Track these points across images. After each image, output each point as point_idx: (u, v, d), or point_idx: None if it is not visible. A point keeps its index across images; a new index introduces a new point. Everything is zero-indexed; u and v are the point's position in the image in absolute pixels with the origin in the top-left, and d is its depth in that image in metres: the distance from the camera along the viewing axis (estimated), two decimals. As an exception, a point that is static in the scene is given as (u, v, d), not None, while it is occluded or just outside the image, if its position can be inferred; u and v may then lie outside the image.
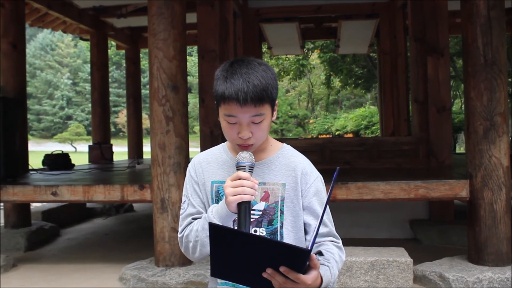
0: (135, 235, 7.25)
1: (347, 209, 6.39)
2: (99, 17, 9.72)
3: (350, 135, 25.03)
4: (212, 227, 1.40)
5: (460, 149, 19.64)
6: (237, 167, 1.58)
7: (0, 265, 5.23)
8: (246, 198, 1.51)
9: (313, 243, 1.43)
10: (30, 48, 54.01)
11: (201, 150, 5.79)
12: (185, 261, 4.83)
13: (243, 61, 1.62)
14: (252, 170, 1.58)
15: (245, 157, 1.58)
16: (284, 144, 1.81)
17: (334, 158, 6.69)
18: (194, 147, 10.55)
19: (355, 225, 6.48)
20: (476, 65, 4.54)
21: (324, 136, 28.20)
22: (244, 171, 1.56)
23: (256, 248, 1.38)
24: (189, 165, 1.82)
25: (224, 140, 1.76)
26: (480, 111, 4.53)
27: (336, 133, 27.98)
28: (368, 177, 5.13)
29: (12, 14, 6.79)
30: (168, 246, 4.80)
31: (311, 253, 1.40)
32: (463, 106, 25.51)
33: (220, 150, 1.80)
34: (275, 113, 1.68)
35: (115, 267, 5.24)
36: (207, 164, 1.78)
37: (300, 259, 1.38)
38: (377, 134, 21.65)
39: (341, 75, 24.03)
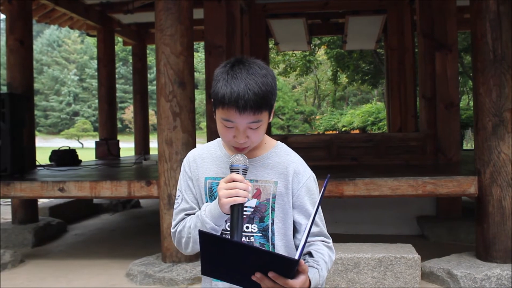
0: (142, 231, 7.26)
1: (354, 205, 6.37)
2: (106, 13, 9.71)
3: (357, 131, 24.95)
4: (202, 234, 1.43)
5: (468, 145, 19.55)
6: (230, 169, 1.60)
7: (8, 261, 5.26)
8: (239, 200, 1.54)
9: (305, 244, 1.46)
10: (37, 45, 54.22)
11: (208, 146, 5.80)
12: (192, 257, 4.83)
13: (244, 64, 1.60)
14: (246, 172, 1.60)
15: (239, 159, 1.60)
16: (278, 142, 1.81)
17: (341, 154, 6.66)
18: (201, 143, 10.54)
19: (362, 222, 6.46)
20: (485, 60, 4.50)
21: (330, 132, 28.12)
22: (238, 173, 1.57)
23: (245, 255, 1.41)
24: (184, 160, 1.83)
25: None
26: (489, 107, 4.49)
27: (343, 129, 27.89)
28: (376, 173, 5.11)
29: (19, 10, 6.80)
30: (175, 242, 4.79)
31: (301, 257, 1.43)
32: (470, 102, 25.40)
33: (214, 146, 1.81)
34: (272, 115, 1.68)
35: (122, 263, 5.26)
36: (201, 160, 1.79)
37: (288, 267, 1.41)
38: (384, 130, 21.57)
39: (348, 71, 23.93)
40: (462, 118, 15.54)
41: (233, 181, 1.55)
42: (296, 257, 1.41)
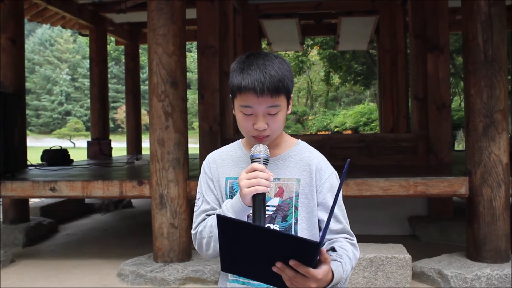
0: (133, 231, 7.24)
1: (346, 205, 6.35)
2: (99, 12, 9.69)
3: (349, 132, 25.04)
4: (220, 219, 1.38)
5: (459, 146, 19.64)
6: (251, 159, 1.58)
7: (-2, 261, 5.24)
8: (261, 189, 1.50)
9: (323, 237, 1.38)
10: (29, 44, 53.91)
11: (200, 146, 5.79)
12: (183, 257, 4.83)
13: (259, 53, 1.63)
14: (267, 162, 1.58)
15: (260, 150, 1.58)
16: (299, 140, 1.80)
17: (333, 155, 6.67)
18: (192, 143, 10.55)
19: (354, 222, 6.38)
20: (476, 62, 4.53)
21: (323, 132, 28.18)
22: (259, 163, 1.55)
23: (265, 241, 1.36)
24: (204, 162, 1.82)
25: (223, 136, 1.76)
26: (480, 108, 4.52)
27: (335, 130, 28.00)
28: (367, 174, 5.13)
29: (11, 9, 6.76)
30: (167, 242, 4.80)
31: (321, 247, 1.36)
32: (462, 103, 25.53)
33: (234, 147, 1.80)
34: (290, 106, 1.68)
35: (114, 263, 5.24)
36: (221, 161, 1.77)
37: (309, 252, 1.35)
38: (376, 131, 21.66)
39: (341, 71, 24.03)
40: (453, 119, 15.62)
41: (254, 170, 1.53)
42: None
